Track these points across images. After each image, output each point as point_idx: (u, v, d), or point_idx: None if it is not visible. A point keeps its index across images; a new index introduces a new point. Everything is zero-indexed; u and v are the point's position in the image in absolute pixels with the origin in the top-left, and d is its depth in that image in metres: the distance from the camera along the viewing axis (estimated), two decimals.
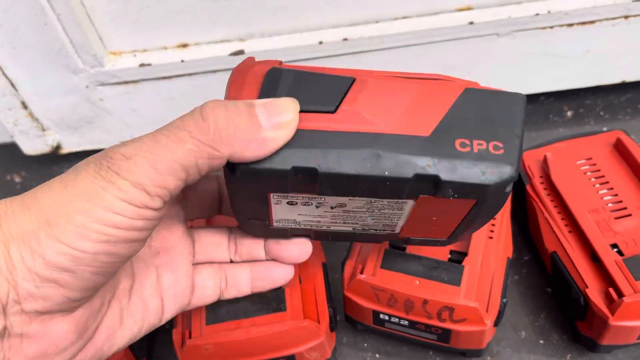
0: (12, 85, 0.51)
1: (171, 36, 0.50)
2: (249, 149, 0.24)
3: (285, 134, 0.25)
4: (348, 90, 0.26)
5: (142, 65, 0.50)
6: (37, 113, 0.54)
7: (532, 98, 0.59)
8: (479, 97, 0.27)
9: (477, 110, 0.26)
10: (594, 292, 0.38)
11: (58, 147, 0.58)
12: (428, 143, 0.25)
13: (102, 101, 0.53)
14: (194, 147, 0.24)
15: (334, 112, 0.26)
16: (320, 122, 0.26)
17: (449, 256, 0.40)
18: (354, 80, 0.27)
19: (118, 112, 0.54)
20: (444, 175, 0.25)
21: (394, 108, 0.26)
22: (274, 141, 0.25)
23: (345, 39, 0.49)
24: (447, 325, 0.38)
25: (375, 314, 0.40)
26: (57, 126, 0.55)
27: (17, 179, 0.61)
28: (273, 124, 0.25)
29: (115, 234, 0.24)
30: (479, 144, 0.25)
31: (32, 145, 0.57)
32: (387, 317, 0.39)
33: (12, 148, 0.61)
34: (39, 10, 0.45)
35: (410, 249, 0.40)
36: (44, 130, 0.56)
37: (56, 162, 0.61)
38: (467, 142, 0.25)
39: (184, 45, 0.51)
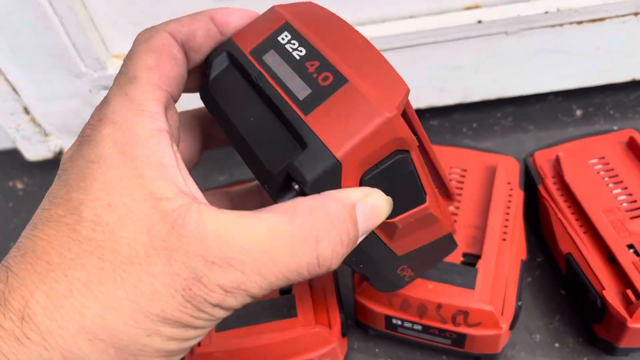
0: (14, 90, 0.50)
1: None
2: None
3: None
4: None
5: None
6: (39, 118, 0.53)
7: (541, 97, 0.58)
8: None
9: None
10: (611, 294, 0.37)
11: (60, 153, 0.57)
12: None
13: None
14: None
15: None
16: None
17: (462, 259, 0.39)
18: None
19: None
20: None
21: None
22: None
23: None
24: (462, 329, 0.37)
25: (388, 318, 0.39)
26: (59, 131, 0.55)
27: (20, 185, 0.60)
28: (365, 230, 0.23)
29: None
30: None
31: (35, 151, 0.56)
32: (400, 322, 0.39)
33: (14, 154, 0.60)
34: (41, 14, 0.44)
35: None
36: (46, 135, 0.55)
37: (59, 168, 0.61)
38: None
39: None
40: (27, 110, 0.52)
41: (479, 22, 0.48)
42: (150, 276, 0.19)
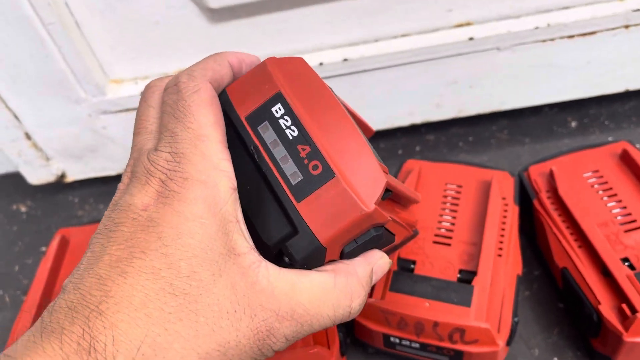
0: (16, 117, 0.51)
1: (171, 62, 0.50)
2: None
3: None
4: None
5: None
6: (41, 143, 0.54)
7: (536, 110, 0.59)
8: None
9: None
10: (607, 308, 0.37)
11: (62, 176, 0.58)
12: None
13: (104, 129, 0.53)
14: None
15: None
16: None
17: (458, 276, 0.40)
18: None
19: (121, 139, 0.54)
20: None
21: None
22: None
23: (346, 59, 0.49)
24: (459, 346, 0.37)
25: (386, 337, 0.39)
26: (61, 155, 0.56)
27: (23, 209, 0.61)
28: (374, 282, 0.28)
29: None
30: None
31: (37, 175, 0.57)
32: (397, 340, 0.39)
33: (16, 178, 0.61)
34: (40, 43, 0.45)
35: (419, 270, 0.40)
36: (48, 159, 0.56)
37: (61, 191, 0.61)
38: None
39: None
40: (28, 136, 0.53)
41: (471, 39, 0.48)
42: (237, 330, 0.22)
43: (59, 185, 0.61)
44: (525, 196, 0.46)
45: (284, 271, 0.24)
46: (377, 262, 0.28)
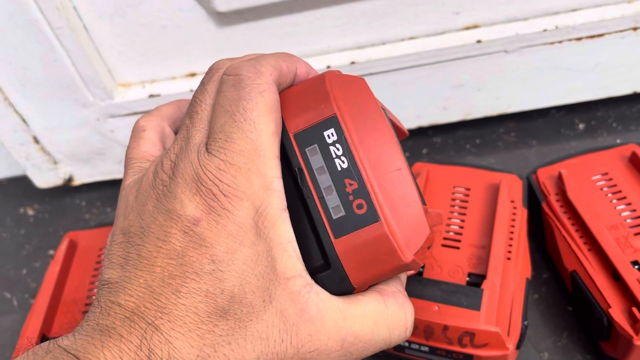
0: (24, 121, 0.52)
1: (179, 66, 0.50)
2: None
3: None
4: None
5: (151, 96, 0.50)
6: (49, 147, 0.54)
7: (543, 112, 0.59)
8: None
9: None
10: (617, 312, 0.37)
11: (70, 179, 0.58)
12: None
13: (112, 133, 0.53)
14: None
15: None
16: None
17: (467, 279, 0.40)
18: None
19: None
20: None
21: None
22: None
23: (353, 62, 0.49)
24: (469, 350, 0.37)
25: None
26: (68, 159, 0.56)
27: (30, 212, 0.61)
28: None
29: None
30: None
31: (45, 179, 0.57)
32: (407, 344, 0.39)
33: (24, 181, 0.61)
34: (48, 47, 0.45)
35: (427, 274, 0.40)
36: (55, 163, 0.56)
37: (68, 194, 0.62)
38: None
39: (192, 75, 0.51)
40: (36, 140, 0.54)
41: (479, 41, 0.48)
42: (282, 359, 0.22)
43: (67, 189, 0.61)
44: (533, 199, 0.46)
45: (334, 298, 0.23)
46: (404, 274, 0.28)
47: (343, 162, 0.24)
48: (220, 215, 0.22)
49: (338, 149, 0.24)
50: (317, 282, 0.24)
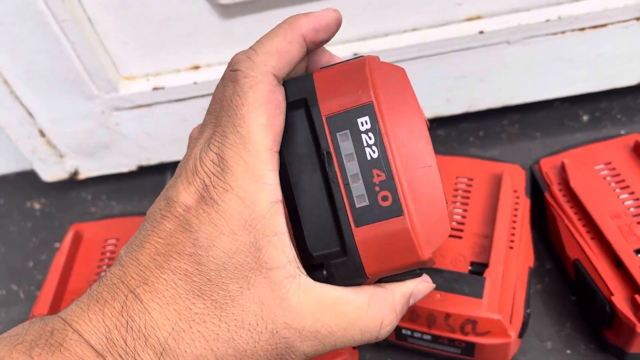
0: (30, 114, 0.52)
1: (183, 58, 0.51)
2: None
3: None
4: None
5: (155, 88, 0.50)
6: (55, 140, 0.55)
7: (547, 104, 0.58)
8: None
9: None
10: (620, 300, 0.37)
11: (76, 173, 0.58)
12: None
13: (117, 126, 0.54)
14: None
15: None
16: None
17: (470, 268, 0.40)
18: None
19: (133, 135, 0.55)
20: None
21: None
22: None
23: (356, 54, 0.49)
24: (471, 338, 0.37)
25: (398, 329, 0.39)
26: (74, 152, 0.56)
27: (37, 206, 0.62)
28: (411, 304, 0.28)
29: None
30: None
31: (51, 172, 0.58)
32: (409, 332, 0.39)
33: (30, 175, 0.62)
34: (54, 40, 0.46)
35: None
36: (61, 156, 0.57)
37: (74, 188, 0.62)
38: None
39: (196, 67, 0.51)
40: (42, 133, 0.54)
41: (481, 32, 0.48)
42: (256, 342, 0.23)
43: (73, 182, 0.61)
44: (536, 189, 0.46)
45: (316, 289, 0.24)
46: (416, 286, 0.27)
47: (374, 151, 0.24)
48: (207, 204, 0.23)
49: (370, 138, 0.24)
50: (330, 268, 0.24)
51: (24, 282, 0.55)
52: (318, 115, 0.25)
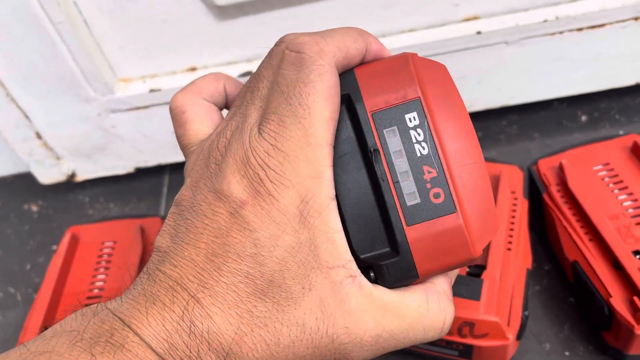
0: (26, 116, 0.52)
1: (180, 60, 0.51)
2: None
3: None
4: None
5: (152, 90, 0.50)
6: (51, 143, 0.54)
7: (545, 104, 0.58)
8: None
9: None
10: (618, 301, 0.37)
11: (73, 175, 0.58)
12: None
13: (114, 128, 0.53)
14: None
15: None
16: None
17: (467, 269, 0.40)
18: None
19: (130, 137, 0.55)
20: None
21: None
22: None
23: None
24: (469, 340, 0.37)
25: None
26: (71, 154, 0.56)
27: (34, 208, 0.62)
28: None
29: None
30: None
31: (47, 175, 0.58)
32: None
33: (27, 178, 0.61)
34: (49, 43, 0.46)
35: None
36: (58, 159, 0.56)
37: (71, 190, 0.62)
38: None
39: (193, 69, 0.51)
40: (39, 136, 0.54)
41: (479, 33, 0.48)
42: (315, 348, 0.23)
43: (70, 185, 0.61)
44: (534, 190, 0.45)
45: (377, 292, 0.23)
46: (452, 271, 0.27)
47: (423, 148, 0.23)
48: (265, 200, 0.22)
49: (419, 134, 0.23)
50: (380, 269, 0.23)
51: (21, 285, 0.55)
52: (363, 111, 0.24)
